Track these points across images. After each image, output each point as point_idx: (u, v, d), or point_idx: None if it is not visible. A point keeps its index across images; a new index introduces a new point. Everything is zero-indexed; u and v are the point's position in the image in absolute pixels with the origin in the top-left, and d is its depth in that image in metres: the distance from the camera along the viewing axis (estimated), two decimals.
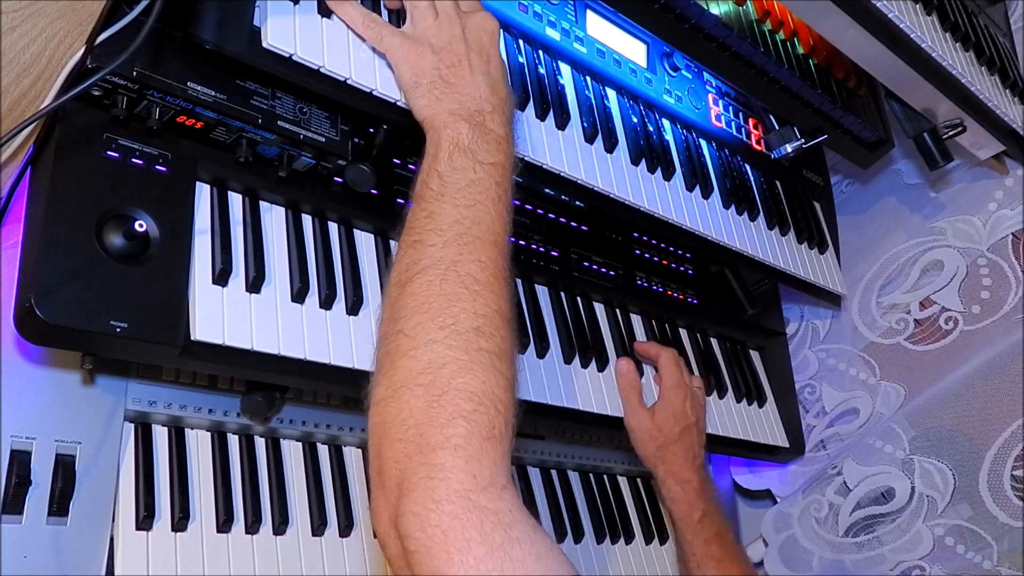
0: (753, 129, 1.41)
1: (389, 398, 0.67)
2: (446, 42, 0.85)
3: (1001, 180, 1.44)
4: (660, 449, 1.16)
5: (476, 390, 0.67)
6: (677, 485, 1.16)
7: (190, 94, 0.80)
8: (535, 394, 1.07)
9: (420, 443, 0.64)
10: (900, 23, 1.09)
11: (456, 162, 0.79)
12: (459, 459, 0.63)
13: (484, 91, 0.84)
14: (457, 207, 0.77)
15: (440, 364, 0.67)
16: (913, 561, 1.35)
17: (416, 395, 0.66)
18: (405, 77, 0.85)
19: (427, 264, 0.73)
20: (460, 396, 0.66)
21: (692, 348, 1.40)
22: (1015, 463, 1.28)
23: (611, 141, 1.11)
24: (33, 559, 0.79)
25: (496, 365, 0.69)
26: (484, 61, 0.86)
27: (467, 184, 0.78)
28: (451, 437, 0.64)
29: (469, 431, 0.64)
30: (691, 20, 1.09)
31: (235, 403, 0.97)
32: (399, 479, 0.63)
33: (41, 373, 0.84)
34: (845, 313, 1.56)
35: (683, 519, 1.16)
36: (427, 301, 0.71)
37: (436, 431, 0.64)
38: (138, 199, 0.80)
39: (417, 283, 0.72)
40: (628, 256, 1.33)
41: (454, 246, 0.74)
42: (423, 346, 0.69)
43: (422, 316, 0.70)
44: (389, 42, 0.86)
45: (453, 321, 0.70)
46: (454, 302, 0.71)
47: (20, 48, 0.66)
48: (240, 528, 0.93)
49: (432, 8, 0.87)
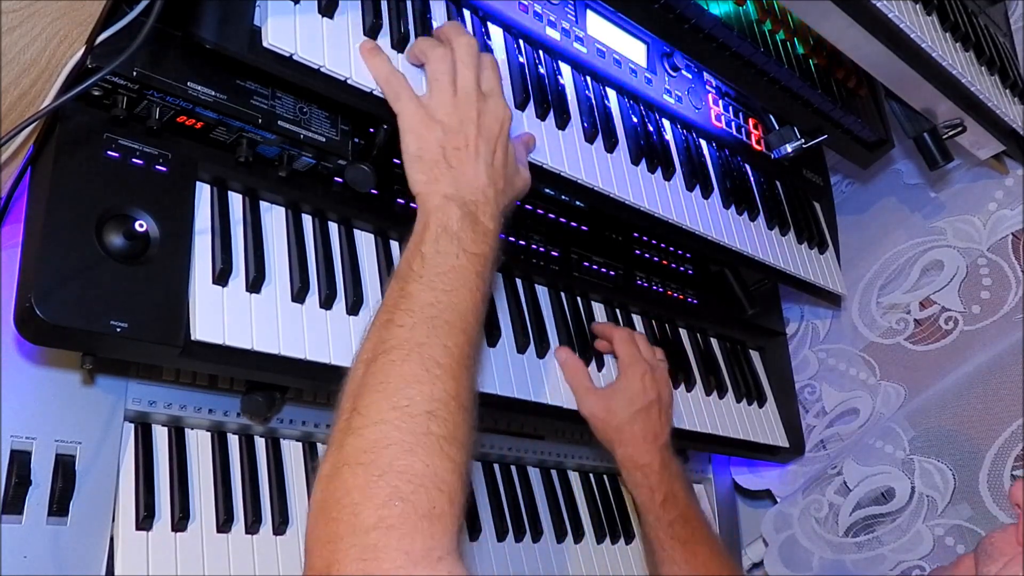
0: (753, 129, 1.42)
1: (331, 475, 0.67)
2: (458, 123, 0.86)
3: (1001, 180, 1.44)
4: (616, 431, 1.11)
5: (417, 472, 0.66)
6: (636, 470, 1.11)
7: (190, 94, 0.80)
8: (535, 394, 1.08)
9: (353, 523, 0.63)
10: (900, 23, 1.09)
11: (441, 246, 0.80)
12: (392, 538, 0.62)
13: (482, 181, 0.85)
14: (434, 290, 0.77)
15: (384, 445, 0.67)
16: (913, 561, 1.35)
17: (356, 473, 0.66)
18: (410, 147, 0.86)
19: (393, 344, 0.74)
20: (400, 478, 0.65)
21: (692, 348, 1.40)
22: (1015, 463, 1.28)
23: (611, 141, 1.11)
24: (33, 559, 0.79)
25: (444, 449, 0.69)
26: (489, 151, 0.87)
27: (448, 269, 0.79)
28: (385, 518, 0.63)
29: (404, 511, 0.63)
30: (691, 20, 1.09)
31: (235, 403, 0.97)
32: (328, 561, 0.62)
33: (41, 373, 0.84)
34: (845, 313, 1.56)
35: (645, 504, 1.12)
36: (385, 380, 0.71)
37: (371, 511, 0.63)
38: (138, 199, 0.80)
39: (380, 362, 0.73)
40: (628, 256, 1.33)
41: (423, 328, 0.75)
42: (372, 425, 0.68)
43: (377, 395, 0.70)
44: (403, 106, 0.86)
45: (407, 403, 0.70)
46: (411, 384, 0.71)
47: (20, 48, 0.66)
48: (240, 528, 0.92)
49: (453, 84, 0.87)
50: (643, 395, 1.13)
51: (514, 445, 1.24)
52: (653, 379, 1.16)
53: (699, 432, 1.29)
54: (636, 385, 1.14)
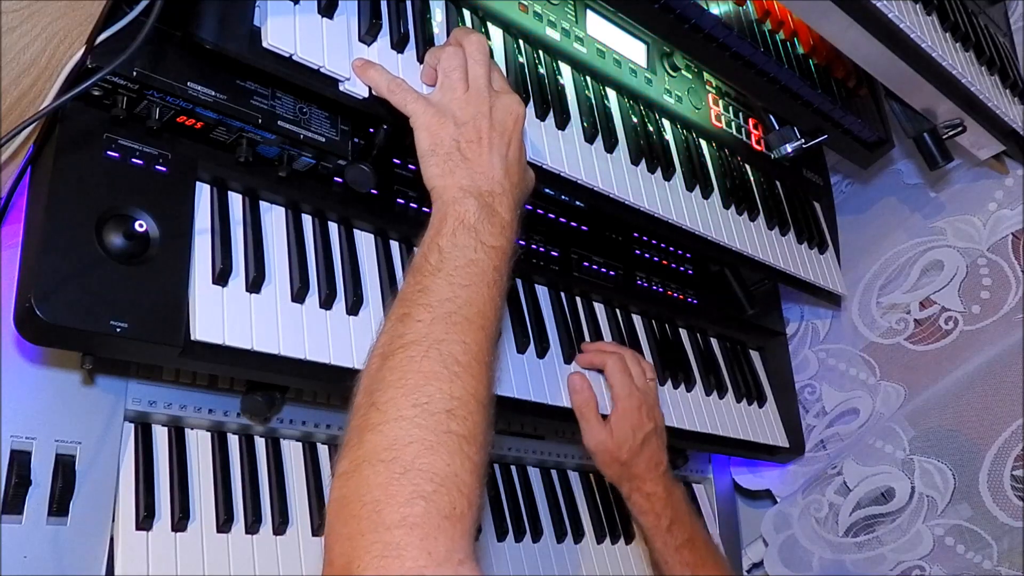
0: (753, 129, 1.42)
1: (351, 472, 0.66)
2: (471, 117, 0.85)
3: (1001, 180, 1.44)
4: (624, 467, 1.11)
5: (439, 471, 0.65)
6: (643, 499, 1.12)
7: (190, 94, 0.80)
8: (535, 394, 1.08)
9: (375, 520, 0.62)
10: (900, 23, 1.09)
11: (459, 239, 0.79)
12: (414, 537, 0.61)
13: (498, 173, 0.84)
14: (452, 285, 0.76)
15: (406, 442, 0.66)
16: (913, 561, 1.35)
17: (377, 471, 0.65)
18: (423, 144, 0.85)
19: (411, 339, 0.73)
20: (422, 476, 0.64)
21: (692, 348, 1.40)
22: (1015, 463, 1.28)
23: (611, 141, 1.11)
24: (33, 559, 0.79)
25: (464, 449, 0.68)
26: (504, 143, 0.86)
27: (466, 263, 0.78)
28: (408, 516, 0.62)
29: (427, 510, 0.63)
30: (691, 20, 1.09)
31: (235, 403, 0.97)
32: (349, 557, 0.62)
33: (41, 373, 0.84)
34: (845, 313, 1.56)
35: (652, 529, 1.12)
36: (404, 377, 0.70)
37: (393, 509, 0.62)
38: (138, 199, 0.80)
39: (397, 357, 0.72)
40: (628, 256, 1.33)
41: (441, 324, 0.74)
42: (391, 422, 0.68)
43: (396, 392, 0.70)
44: (413, 108, 0.86)
45: (427, 400, 0.69)
46: (431, 381, 0.70)
47: (20, 48, 0.66)
48: (240, 528, 0.93)
49: (464, 80, 0.87)
50: (642, 428, 1.13)
51: (514, 445, 1.24)
52: (649, 407, 1.15)
53: (699, 432, 1.29)
54: (636, 417, 1.13)
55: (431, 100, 0.87)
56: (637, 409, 1.13)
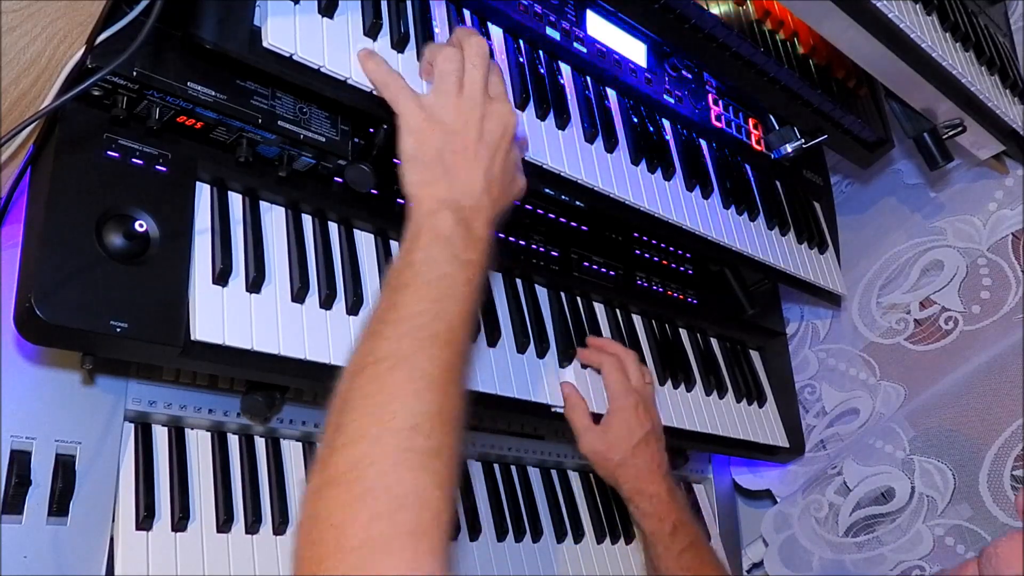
0: (753, 129, 1.42)
1: (316, 492, 0.66)
2: (461, 125, 0.83)
3: (1001, 180, 1.44)
4: (620, 467, 1.10)
5: (402, 490, 0.65)
6: (645, 501, 1.10)
7: (190, 94, 0.80)
8: (535, 394, 1.08)
9: (339, 542, 0.62)
10: (900, 23, 1.09)
11: (432, 253, 0.78)
12: (376, 558, 0.61)
13: (478, 187, 0.82)
14: (421, 299, 0.75)
15: (368, 463, 0.66)
16: (913, 561, 1.35)
17: (339, 492, 0.65)
18: (407, 147, 0.83)
19: (379, 356, 0.72)
20: (384, 495, 0.64)
21: (692, 348, 1.40)
22: (1015, 463, 1.28)
23: (611, 141, 1.11)
24: (33, 559, 0.79)
25: (429, 464, 0.67)
26: (489, 156, 0.84)
27: (438, 277, 0.77)
28: (369, 538, 0.62)
29: (388, 530, 0.62)
30: (691, 20, 1.09)
31: (235, 403, 0.97)
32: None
33: (41, 373, 0.84)
34: (845, 313, 1.56)
35: (654, 533, 1.10)
36: (369, 395, 0.70)
37: (356, 530, 0.62)
38: (138, 199, 0.80)
39: (366, 375, 0.71)
40: (628, 256, 1.33)
41: (409, 339, 0.73)
42: (355, 443, 0.67)
43: (361, 411, 0.69)
44: (404, 106, 0.84)
45: (391, 418, 0.68)
46: (396, 398, 0.69)
47: (20, 48, 0.66)
48: (240, 528, 0.93)
49: (459, 84, 0.85)
50: (640, 428, 1.12)
51: (514, 445, 1.24)
52: (646, 409, 1.14)
53: (699, 432, 1.29)
54: (631, 419, 1.12)
55: (423, 102, 0.85)
56: (633, 409, 1.13)
